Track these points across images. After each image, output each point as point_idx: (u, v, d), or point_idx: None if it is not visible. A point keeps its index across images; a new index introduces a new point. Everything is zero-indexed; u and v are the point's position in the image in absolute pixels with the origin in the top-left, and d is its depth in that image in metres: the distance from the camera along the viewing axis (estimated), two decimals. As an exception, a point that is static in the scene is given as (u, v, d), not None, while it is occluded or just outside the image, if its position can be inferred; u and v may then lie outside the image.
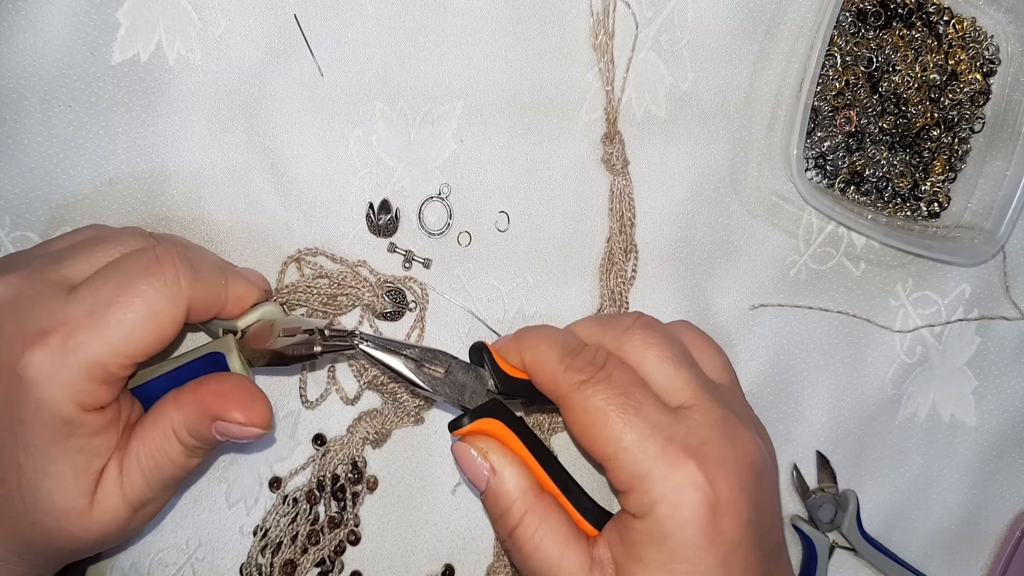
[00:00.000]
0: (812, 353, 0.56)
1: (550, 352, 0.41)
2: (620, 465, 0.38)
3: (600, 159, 0.53)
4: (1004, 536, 0.59)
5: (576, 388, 0.39)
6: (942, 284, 0.57)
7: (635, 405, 0.38)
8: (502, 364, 0.42)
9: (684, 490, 0.36)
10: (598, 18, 0.52)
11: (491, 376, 0.42)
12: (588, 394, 0.38)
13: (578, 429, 0.39)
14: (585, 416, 0.39)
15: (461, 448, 0.41)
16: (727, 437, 0.38)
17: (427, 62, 0.51)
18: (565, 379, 0.39)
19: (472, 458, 0.41)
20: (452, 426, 0.41)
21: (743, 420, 0.40)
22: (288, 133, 0.51)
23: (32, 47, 0.48)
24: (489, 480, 0.40)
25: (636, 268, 0.54)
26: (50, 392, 0.36)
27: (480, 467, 0.40)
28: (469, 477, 0.41)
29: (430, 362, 0.41)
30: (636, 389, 0.39)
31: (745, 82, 0.54)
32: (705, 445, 0.37)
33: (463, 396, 0.42)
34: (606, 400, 0.38)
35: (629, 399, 0.38)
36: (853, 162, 0.55)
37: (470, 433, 0.41)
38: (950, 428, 0.58)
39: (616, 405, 0.38)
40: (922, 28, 0.54)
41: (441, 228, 0.52)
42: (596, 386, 0.39)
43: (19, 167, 0.49)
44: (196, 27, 0.49)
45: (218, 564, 0.51)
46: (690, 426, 0.38)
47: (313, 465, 0.51)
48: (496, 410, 0.41)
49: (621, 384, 0.39)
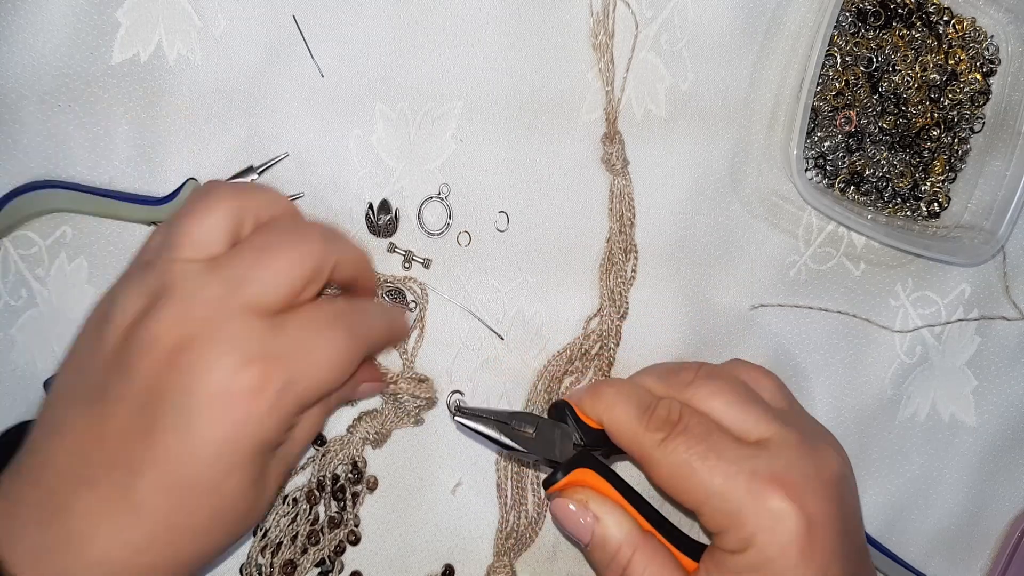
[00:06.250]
0: (812, 353, 0.56)
1: (627, 412, 0.42)
2: (712, 509, 0.39)
3: (600, 159, 0.53)
4: (1004, 536, 0.58)
5: (657, 446, 0.40)
6: (942, 284, 0.57)
7: (716, 450, 0.40)
8: (584, 418, 0.44)
9: (779, 519, 0.38)
10: (598, 18, 0.52)
11: (575, 430, 0.44)
12: (670, 450, 0.40)
13: (664, 482, 0.41)
14: (670, 469, 0.40)
15: (560, 504, 0.42)
16: (807, 457, 0.40)
17: (427, 62, 0.51)
18: (647, 439, 0.41)
19: (572, 512, 0.42)
20: (547, 483, 0.42)
21: (816, 436, 0.43)
22: (288, 133, 0.51)
23: (32, 47, 0.48)
24: (594, 528, 0.41)
25: (636, 268, 0.54)
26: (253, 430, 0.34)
27: (581, 518, 0.41)
28: (572, 531, 0.42)
29: (519, 424, 0.43)
30: (713, 434, 0.41)
31: (745, 82, 0.54)
32: (789, 471, 0.39)
33: (553, 452, 0.43)
34: (688, 451, 0.40)
35: (709, 446, 0.40)
36: (853, 162, 0.55)
37: (566, 487, 0.42)
38: (950, 428, 0.58)
39: (698, 454, 0.40)
40: (922, 28, 0.54)
41: (441, 228, 0.52)
42: (676, 440, 0.40)
43: (19, 167, 0.49)
44: (196, 27, 0.49)
45: (218, 564, 0.51)
46: (770, 456, 0.40)
47: (313, 465, 0.51)
48: (586, 460, 0.43)
49: (699, 433, 0.41)
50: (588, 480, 0.42)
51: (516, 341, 0.53)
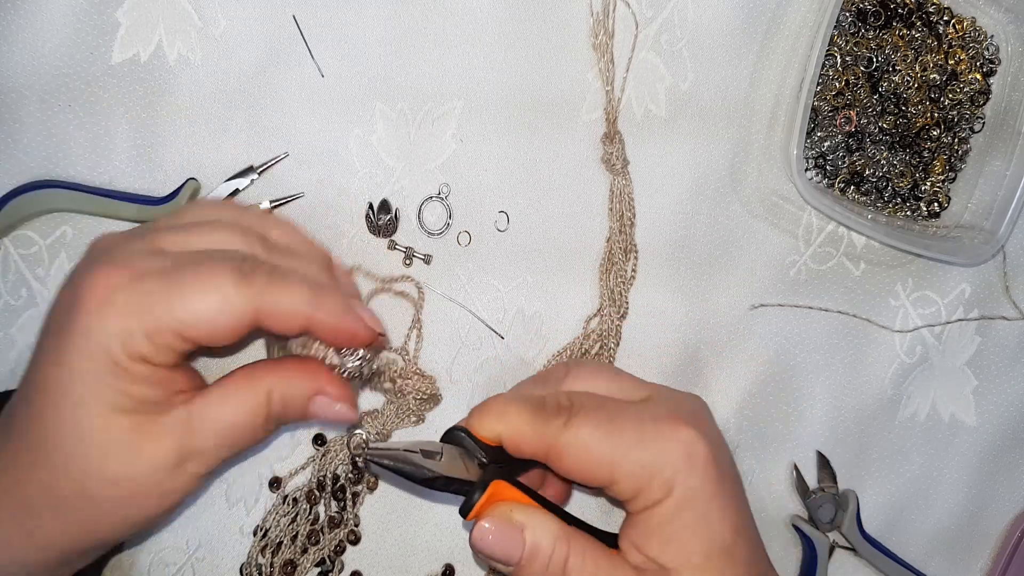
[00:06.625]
0: (812, 353, 0.56)
1: (521, 414, 0.41)
2: (627, 471, 0.39)
3: (600, 159, 0.53)
4: (1004, 536, 0.59)
5: (562, 431, 0.40)
6: (942, 284, 0.57)
7: (616, 412, 0.41)
8: (481, 438, 0.41)
9: (692, 448, 0.40)
10: (598, 18, 0.52)
11: (476, 450, 0.41)
12: (574, 430, 0.40)
13: (575, 467, 0.40)
14: (579, 449, 0.40)
15: (481, 529, 0.40)
16: (684, 399, 0.45)
17: (427, 62, 0.51)
18: (549, 429, 0.40)
19: (498, 530, 0.40)
20: (465, 510, 0.40)
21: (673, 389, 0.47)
22: (288, 133, 0.51)
23: (32, 47, 0.48)
24: (524, 538, 0.40)
25: (636, 268, 0.54)
26: (99, 320, 0.35)
27: (510, 532, 0.40)
28: (503, 552, 0.40)
29: (427, 453, 0.40)
30: (608, 402, 0.42)
31: (745, 82, 0.54)
32: (680, 410, 0.42)
33: (465, 473, 0.41)
34: (592, 423, 0.40)
35: (609, 412, 0.41)
36: (853, 162, 0.55)
37: (486, 503, 0.40)
38: (950, 428, 0.58)
39: (602, 421, 0.40)
40: (922, 28, 0.54)
41: (441, 228, 0.52)
42: (577, 418, 0.40)
43: (19, 167, 0.49)
44: (196, 27, 0.49)
45: (218, 564, 0.51)
46: (661, 403, 0.43)
47: (313, 465, 0.51)
48: (496, 473, 0.41)
49: (595, 405, 0.41)
50: (504, 493, 0.41)
51: (516, 341, 0.53)
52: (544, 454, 0.41)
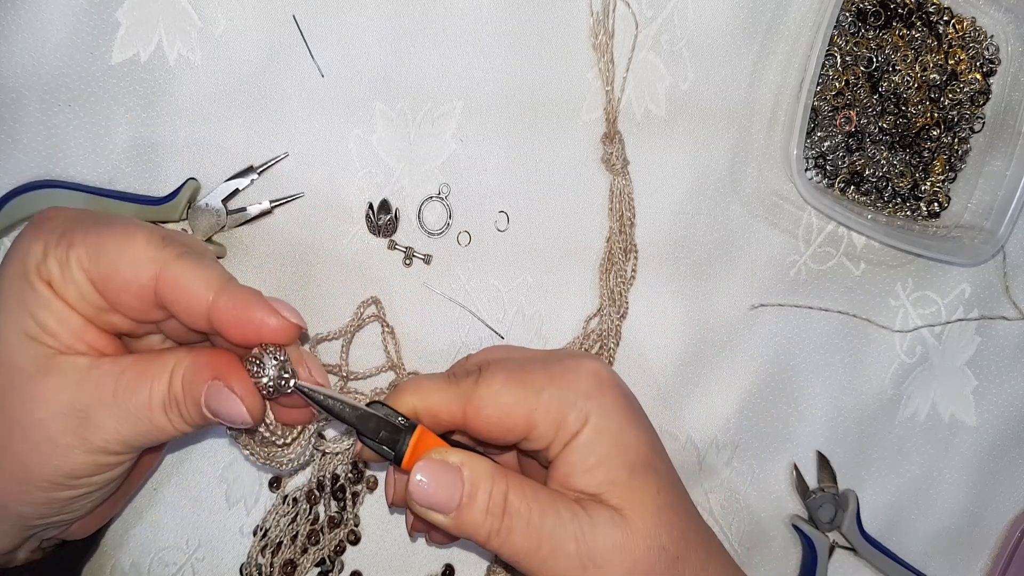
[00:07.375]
0: (812, 353, 0.56)
1: (434, 385, 0.41)
2: (543, 415, 0.40)
3: (600, 159, 0.53)
4: (1004, 536, 0.59)
5: (474, 392, 0.40)
6: (942, 284, 0.57)
7: (526, 361, 0.42)
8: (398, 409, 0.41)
9: (600, 378, 0.41)
10: (598, 18, 0.52)
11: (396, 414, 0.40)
12: (487, 385, 0.40)
13: (492, 422, 0.40)
14: (495, 403, 0.40)
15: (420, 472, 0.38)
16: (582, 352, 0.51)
17: (427, 62, 0.51)
18: (462, 390, 0.41)
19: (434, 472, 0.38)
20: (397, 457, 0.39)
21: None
22: (288, 133, 0.51)
23: (32, 47, 0.48)
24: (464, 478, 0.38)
25: (636, 268, 0.54)
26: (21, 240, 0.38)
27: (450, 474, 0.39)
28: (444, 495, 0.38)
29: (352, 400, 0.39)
30: (511, 353, 0.44)
31: (745, 82, 0.54)
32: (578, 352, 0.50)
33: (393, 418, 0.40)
34: (503, 375, 0.41)
35: (518, 362, 0.42)
36: (853, 162, 0.55)
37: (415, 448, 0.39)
38: (950, 428, 0.58)
39: (514, 370, 0.41)
40: (922, 28, 0.54)
41: (441, 228, 0.52)
42: (487, 375, 0.41)
43: (19, 167, 0.49)
44: (196, 27, 0.49)
45: (218, 564, 0.51)
46: (560, 351, 0.48)
47: (313, 465, 0.51)
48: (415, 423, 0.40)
49: (503, 358, 0.43)
50: (431, 441, 0.40)
51: (516, 341, 0.53)
52: (462, 417, 0.40)
